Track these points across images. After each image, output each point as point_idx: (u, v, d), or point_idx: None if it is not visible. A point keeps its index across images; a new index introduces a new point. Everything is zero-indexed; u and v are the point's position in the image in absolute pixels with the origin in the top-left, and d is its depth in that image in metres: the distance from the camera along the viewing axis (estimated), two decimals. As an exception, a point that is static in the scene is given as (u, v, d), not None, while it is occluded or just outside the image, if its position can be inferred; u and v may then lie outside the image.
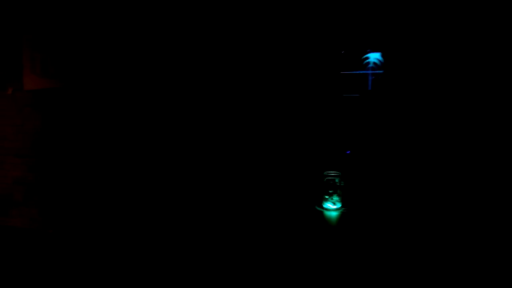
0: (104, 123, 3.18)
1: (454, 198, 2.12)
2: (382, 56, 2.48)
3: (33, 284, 1.95)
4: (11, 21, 3.39)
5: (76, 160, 3.29)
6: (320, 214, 2.20)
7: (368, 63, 2.52)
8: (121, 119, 3.14)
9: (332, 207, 2.30)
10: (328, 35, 2.54)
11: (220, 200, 2.78)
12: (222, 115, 2.85)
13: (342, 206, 2.31)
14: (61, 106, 3.29)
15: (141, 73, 3.05)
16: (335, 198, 2.30)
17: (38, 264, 2.40)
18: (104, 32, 3.12)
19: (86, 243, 3.01)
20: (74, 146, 3.28)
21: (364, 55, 2.50)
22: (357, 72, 2.46)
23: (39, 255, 2.71)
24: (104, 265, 1.80)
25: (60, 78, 3.26)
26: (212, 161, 2.86)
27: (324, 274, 1.72)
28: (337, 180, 2.31)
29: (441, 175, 2.28)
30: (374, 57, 2.51)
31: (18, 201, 3.54)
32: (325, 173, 2.37)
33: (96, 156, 3.22)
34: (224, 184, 2.81)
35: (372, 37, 2.41)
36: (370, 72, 2.48)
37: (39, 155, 3.43)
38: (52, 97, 3.30)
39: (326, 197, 2.30)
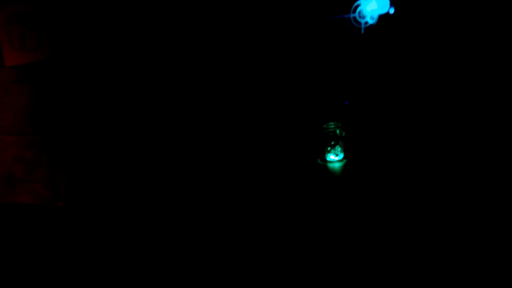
0: (96, 92, 3.11)
1: (458, 149, 2.12)
2: None
3: (44, 257, 2.00)
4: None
5: (73, 132, 3.26)
6: (322, 167, 2.22)
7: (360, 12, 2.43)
8: (112, 86, 3.07)
9: (334, 158, 2.31)
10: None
11: (222, 156, 2.79)
12: (216, 68, 2.79)
13: (344, 157, 2.33)
14: (48, 79, 3.20)
15: (124, 41, 2.95)
16: (337, 149, 2.30)
17: (47, 238, 2.45)
18: (83, 4, 2.96)
19: (96, 215, 3.07)
20: (67, 118, 3.24)
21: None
22: (349, 16, 2.38)
23: (48, 229, 2.77)
24: (113, 237, 1.85)
25: (41, 50, 3.15)
26: (209, 116, 2.84)
27: (329, 226, 1.77)
28: (338, 131, 2.30)
29: (443, 124, 2.29)
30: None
31: (20, 178, 3.56)
32: (326, 125, 2.36)
33: (92, 126, 3.19)
34: (223, 140, 2.82)
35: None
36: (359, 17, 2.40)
37: (34, 130, 3.39)
38: (37, 70, 3.20)
39: (328, 149, 2.31)
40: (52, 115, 3.28)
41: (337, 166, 2.26)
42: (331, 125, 2.35)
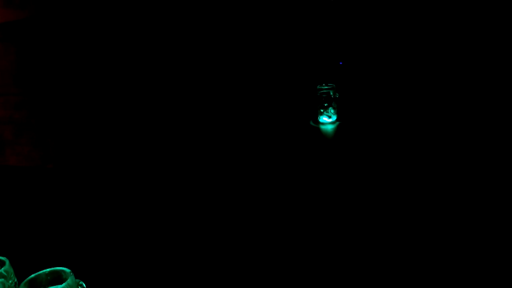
0: (86, 52, 3.03)
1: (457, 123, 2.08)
2: None
3: (33, 218, 1.99)
4: None
5: (62, 93, 3.20)
6: (315, 129, 2.19)
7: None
8: (104, 47, 2.99)
9: (327, 120, 2.29)
10: None
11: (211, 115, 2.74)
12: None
13: (337, 119, 2.30)
14: (34, 37, 3.10)
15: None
16: (331, 111, 2.27)
17: (36, 199, 2.43)
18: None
19: (88, 177, 3.05)
20: (56, 79, 3.17)
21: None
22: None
23: (37, 191, 2.74)
24: (102, 200, 1.83)
25: (27, 7, 3.04)
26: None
27: (322, 198, 1.73)
28: (331, 93, 2.27)
29: (445, 92, 2.24)
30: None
31: (9, 140, 3.50)
32: (319, 86, 2.32)
33: (82, 87, 3.13)
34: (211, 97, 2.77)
35: None
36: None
37: (21, 91, 3.32)
38: (23, 28, 3.10)
39: (322, 110, 2.28)
40: (40, 76, 3.20)
41: (330, 128, 2.23)
42: (325, 86, 2.30)
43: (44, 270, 0.88)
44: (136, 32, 2.84)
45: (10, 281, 0.85)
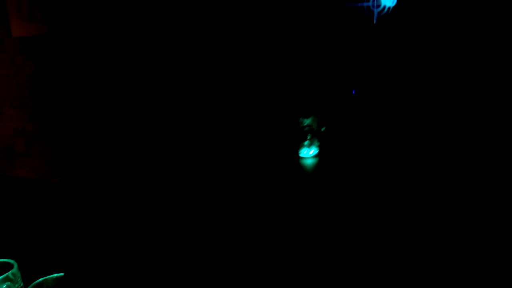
0: (100, 69, 3.08)
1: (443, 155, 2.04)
2: None
3: (38, 230, 1.98)
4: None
5: (76, 107, 3.23)
6: (296, 163, 2.14)
7: None
8: (118, 61, 3.04)
9: (309, 154, 2.18)
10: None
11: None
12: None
13: (319, 153, 2.20)
14: (53, 52, 3.17)
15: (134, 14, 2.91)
16: (312, 144, 2.19)
17: (42, 212, 2.42)
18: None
19: (93, 191, 3.04)
20: (71, 92, 3.21)
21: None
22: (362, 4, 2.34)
23: (43, 204, 2.74)
24: (110, 214, 1.81)
25: (49, 22, 3.12)
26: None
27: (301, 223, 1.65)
28: (314, 126, 2.20)
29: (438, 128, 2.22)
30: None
31: (20, 151, 3.53)
32: (301, 118, 2.24)
33: (95, 101, 3.16)
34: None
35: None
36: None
37: (36, 104, 3.36)
38: (43, 43, 3.17)
39: (305, 143, 2.18)
40: (55, 89, 3.24)
41: (310, 162, 2.16)
42: (308, 118, 2.23)
43: (52, 276, 0.86)
44: (152, 53, 2.89)
45: (16, 285, 0.84)
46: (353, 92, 2.40)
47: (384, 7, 2.29)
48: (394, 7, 2.29)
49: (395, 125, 2.32)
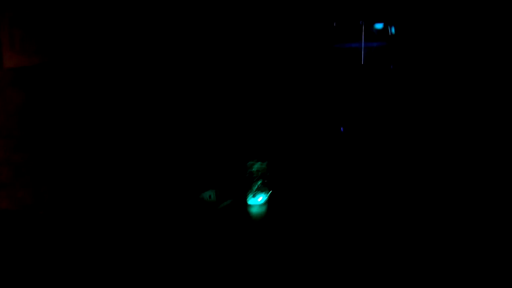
0: (88, 100, 3.09)
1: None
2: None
3: (21, 264, 1.92)
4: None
5: (62, 139, 3.22)
6: (243, 210, 1.98)
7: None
8: (105, 95, 3.06)
9: (257, 201, 2.02)
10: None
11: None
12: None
13: (268, 200, 2.04)
14: (43, 83, 3.18)
15: (122, 48, 2.96)
16: (261, 190, 2.03)
17: (25, 245, 2.36)
18: (83, 9, 3.00)
19: (78, 224, 2.98)
20: (59, 124, 3.20)
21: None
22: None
23: (26, 237, 2.68)
24: (96, 248, 1.77)
25: (40, 54, 3.15)
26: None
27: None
28: (263, 172, 2.05)
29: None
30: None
31: (5, 182, 3.46)
32: (249, 163, 2.10)
33: (82, 134, 3.15)
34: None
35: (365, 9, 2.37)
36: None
37: (23, 135, 3.34)
38: (33, 74, 3.18)
39: (254, 189, 2.02)
40: (43, 121, 3.23)
41: (258, 210, 1.98)
42: (256, 163, 2.09)
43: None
44: (139, 85, 2.92)
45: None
46: (341, 129, 2.43)
47: (372, 48, 2.36)
48: (382, 47, 2.36)
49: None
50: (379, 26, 2.36)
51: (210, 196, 2.07)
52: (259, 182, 2.02)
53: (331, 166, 2.21)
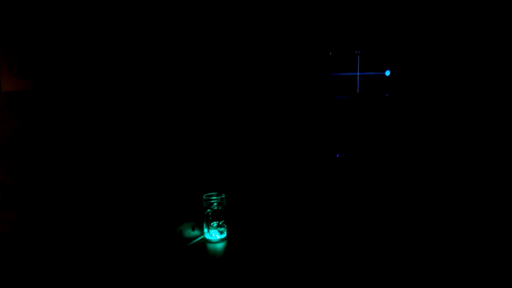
0: (83, 124, 3.11)
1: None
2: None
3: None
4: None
5: (56, 163, 3.22)
6: (200, 248, 1.82)
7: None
8: (100, 120, 3.08)
9: (216, 237, 1.90)
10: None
11: None
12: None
13: (227, 237, 1.91)
14: (39, 107, 3.20)
15: (119, 74, 3.00)
16: (218, 226, 1.91)
17: (17, 269, 2.33)
18: (81, 34, 3.05)
19: (71, 247, 2.96)
20: (53, 148, 3.21)
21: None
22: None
23: (18, 261, 2.65)
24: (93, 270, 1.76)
25: (38, 79, 3.18)
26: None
27: None
28: (216, 205, 1.93)
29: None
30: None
31: (-2, 206, 3.44)
32: (205, 196, 1.96)
33: (76, 158, 3.16)
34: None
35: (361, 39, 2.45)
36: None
37: (17, 158, 3.33)
38: (30, 98, 3.20)
39: (212, 224, 1.89)
40: (37, 144, 3.24)
41: (217, 247, 1.85)
42: (213, 196, 1.95)
43: None
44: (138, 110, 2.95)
45: None
46: (337, 156, 2.48)
47: (367, 77, 2.44)
48: (377, 77, 2.44)
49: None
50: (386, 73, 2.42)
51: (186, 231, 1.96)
52: (214, 217, 1.83)
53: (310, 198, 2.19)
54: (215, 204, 1.95)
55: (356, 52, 2.38)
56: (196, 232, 1.70)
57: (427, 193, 2.20)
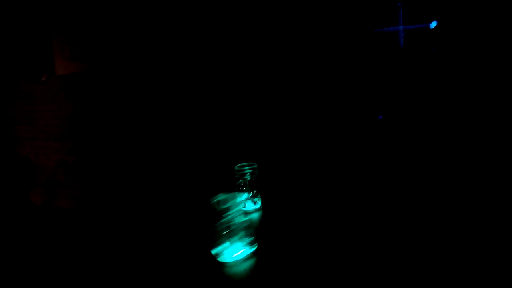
0: (130, 104, 3.18)
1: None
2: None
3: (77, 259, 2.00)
4: (41, 12, 3.43)
5: (109, 142, 3.34)
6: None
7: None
8: (146, 100, 3.13)
9: (250, 208, 1.85)
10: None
11: None
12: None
13: (261, 207, 1.86)
14: (90, 89, 3.33)
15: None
16: (252, 196, 1.85)
17: (78, 242, 2.47)
18: (124, 18, 3.09)
19: (128, 222, 3.09)
20: (105, 127, 3.33)
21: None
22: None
23: (81, 234, 2.81)
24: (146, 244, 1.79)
25: (87, 61, 3.29)
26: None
27: None
28: (249, 175, 1.85)
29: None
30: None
31: (61, 183, 3.68)
32: (238, 166, 1.91)
33: (125, 137, 3.25)
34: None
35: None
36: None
37: (75, 138, 3.52)
38: (81, 81, 3.34)
39: (246, 195, 1.84)
40: (93, 124, 3.38)
41: (256, 215, 1.78)
42: (246, 166, 1.90)
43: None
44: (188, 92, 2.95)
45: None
46: (380, 117, 2.30)
47: (412, 30, 2.22)
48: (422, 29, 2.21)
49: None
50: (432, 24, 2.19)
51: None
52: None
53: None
54: (248, 174, 1.88)
55: (398, 4, 2.16)
56: (230, 203, 1.56)
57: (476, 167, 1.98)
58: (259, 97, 2.52)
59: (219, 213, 1.40)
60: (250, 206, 1.88)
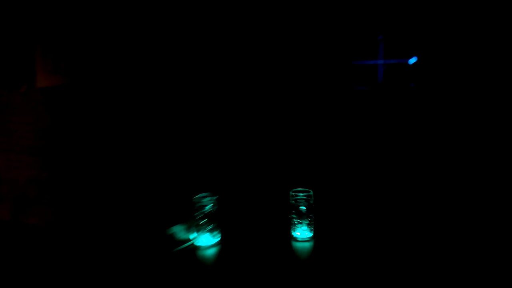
0: (110, 120, 3.13)
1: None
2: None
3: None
4: (24, 24, 3.41)
5: (84, 158, 3.26)
6: (286, 245, 1.71)
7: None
8: (126, 116, 3.08)
9: (302, 236, 1.79)
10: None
11: None
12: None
13: (313, 236, 1.79)
14: (69, 102, 3.27)
15: (143, 70, 2.98)
16: (304, 224, 1.77)
17: (46, 260, 2.35)
18: (108, 32, 3.08)
19: (98, 240, 2.98)
20: (82, 143, 3.26)
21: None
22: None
23: (48, 252, 2.70)
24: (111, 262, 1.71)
25: (69, 74, 3.26)
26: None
27: None
28: (305, 200, 1.79)
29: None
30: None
31: (32, 199, 3.56)
32: (292, 191, 1.85)
33: (103, 153, 3.18)
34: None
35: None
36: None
37: (50, 153, 3.43)
38: (61, 94, 3.29)
39: (295, 222, 1.78)
40: (68, 139, 3.31)
41: (303, 246, 1.73)
42: (300, 192, 1.83)
43: None
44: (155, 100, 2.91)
45: None
46: (352, 153, 2.25)
47: (392, 65, 2.19)
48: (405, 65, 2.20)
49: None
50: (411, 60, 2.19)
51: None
52: (300, 215, 1.71)
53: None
54: (207, 206, 1.82)
55: (378, 37, 2.15)
56: (187, 236, 1.57)
57: (456, 197, 1.94)
58: (226, 128, 2.47)
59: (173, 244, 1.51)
60: (209, 239, 1.80)
